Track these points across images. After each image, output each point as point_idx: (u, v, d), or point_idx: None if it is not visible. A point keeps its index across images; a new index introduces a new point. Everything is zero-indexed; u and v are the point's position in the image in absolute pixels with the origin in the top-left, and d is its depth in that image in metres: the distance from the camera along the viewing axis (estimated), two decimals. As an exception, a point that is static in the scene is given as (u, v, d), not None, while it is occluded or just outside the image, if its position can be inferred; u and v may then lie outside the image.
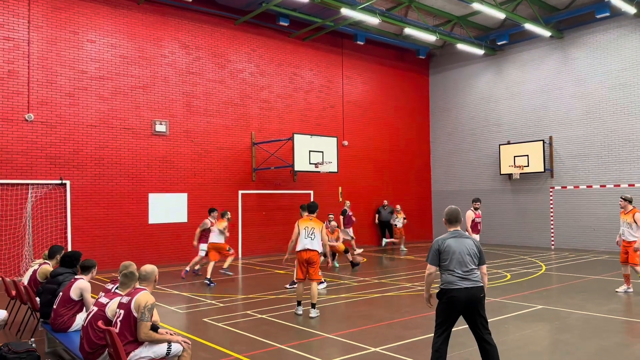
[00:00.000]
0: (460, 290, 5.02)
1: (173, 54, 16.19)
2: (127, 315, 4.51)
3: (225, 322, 8.23)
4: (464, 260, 5.06)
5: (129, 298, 4.59)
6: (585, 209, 18.46)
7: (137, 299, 4.53)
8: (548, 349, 6.72)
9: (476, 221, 12.35)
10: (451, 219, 5.37)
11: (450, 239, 5.17)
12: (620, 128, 17.65)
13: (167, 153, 15.93)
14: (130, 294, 4.65)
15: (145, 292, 4.63)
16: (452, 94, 23.10)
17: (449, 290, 5.07)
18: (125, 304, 4.58)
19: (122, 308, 4.59)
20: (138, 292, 4.60)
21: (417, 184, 23.18)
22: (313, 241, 8.66)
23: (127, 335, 4.47)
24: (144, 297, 4.54)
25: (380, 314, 8.70)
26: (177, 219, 16.09)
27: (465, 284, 5.03)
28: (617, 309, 8.71)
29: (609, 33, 18.05)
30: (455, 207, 5.44)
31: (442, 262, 5.12)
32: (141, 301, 4.51)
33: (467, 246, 5.14)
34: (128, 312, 4.51)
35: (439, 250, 5.13)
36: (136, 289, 4.69)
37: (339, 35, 20.31)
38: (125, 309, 4.55)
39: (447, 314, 5.15)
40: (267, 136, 18.10)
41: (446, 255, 5.10)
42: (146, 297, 4.55)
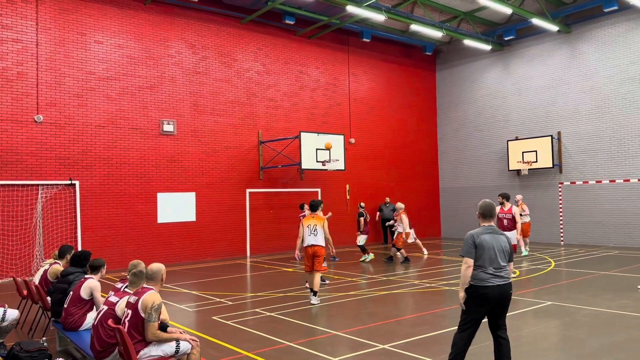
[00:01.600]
0: (493, 287, 4.93)
1: (180, 54, 16.25)
2: (134, 315, 4.55)
3: (234, 320, 8.27)
4: (496, 257, 4.96)
5: (136, 298, 4.62)
6: (595, 204, 18.34)
7: (144, 299, 4.57)
8: (558, 345, 6.70)
9: (500, 217, 12.08)
10: (485, 213, 5.22)
11: (486, 234, 5.03)
12: (629, 122, 17.49)
13: (175, 152, 16.01)
14: (137, 294, 4.68)
15: (152, 292, 4.65)
16: (459, 90, 23.01)
17: (481, 287, 4.95)
18: (132, 303, 4.62)
19: (130, 308, 4.63)
20: (145, 292, 4.63)
21: (424, 181, 23.13)
22: (317, 237, 9.32)
23: (135, 334, 4.50)
24: (150, 298, 4.56)
25: (388, 311, 8.71)
26: (186, 218, 16.18)
27: (497, 281, 4.95)
28: (627, 305, 8.65)
29: (617, 27, 17.89)
30: (490, 201, 5.28)
31: (476, 259, 4.98)
32: (148, 302, 4.53)
33: (500, 242, 5.04)
34: (135, 312, 4.54)
35: (475, 244, 4.96)
36: (143, 288, 4.72)
37: (345, 33, 20.29)
38: (132, 309, 4.58)
39: (477, 311, 5.04)
40: (274, 135, 18.13)
41: (480, 251, 4.95)
42: (153, 298, 4.57)
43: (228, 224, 17.09)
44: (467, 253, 4.99)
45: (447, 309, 8.82)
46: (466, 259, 5.00)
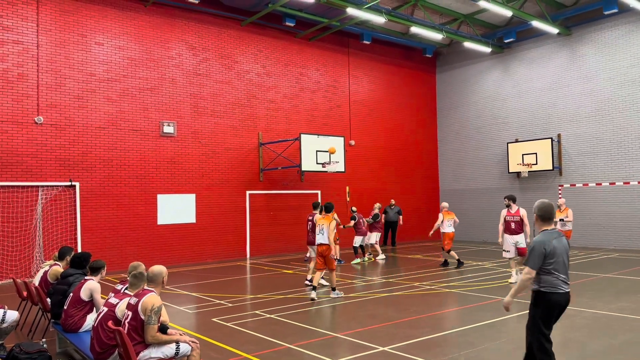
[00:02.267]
0: (564, 294, 4.75)
1: (180, 56, 16.28)
2: (134, 317, 4.55)
3: (234, 322, 8.27)
4: (565, 262, 4.78)
5: (137, 300, 4.62)
6: (595, 206, 18.34)
7: (144, 301, 4.57)
8: (557, 348, 6.66)
9: (507, 219, 11.39)
10: (545, 215, 4.90)
11: (554, 240, 4.75)
12: (629, 125, 17.51)
13: (175, 154, 16.02)
14: (138, 296, 4.68)
15: (153, 294, 4.66)
16: (459, 92, 23.03)
17: (552, 293, 4.71)
18: (133, 305, 4.63)
19: (130, 309, 4.63)
20: (145, 294, 4.63)
21: (424, 183, 23.14)
22: (323, 236, 9.94)
23: (135, 336, 4.51)
24: (150, 300, 4.57)
25: (388, 314, 8.71)
26: (186, 220, 16.18)
27: (566, 287, 4.77)
28: (626, 307, 8.66)
29: (617, 29, 17.92)
30: (549, 202, 4.95)
31: (546, 265, 4.69)
32: (147, 304, 4.53)
33: (565, 247, 4.81)
34: (135, 313, 4.55)
35: (545, 254, 4.67)
36: (144, 290, 4.72)
37: (345, 35, 20.32)
38: (132, 311, 4.59)
39: (550, 317, 4.81)
40: (274, 136, 18.15)
41: (552, 258, 4.69)
42: (153, 300, 4.58)
43: (228, 225, 17.09)
44: (534, 265, 4.69)
45: (447, 311, 8.82)
46: (529, 269, 4.71)
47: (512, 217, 11.38)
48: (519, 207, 11.42)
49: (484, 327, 7.61)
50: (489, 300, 9.47)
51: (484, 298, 9.68)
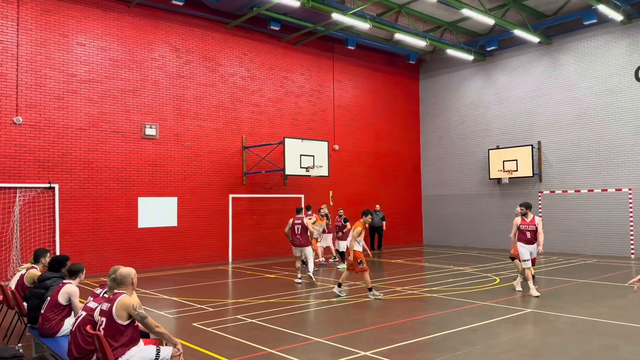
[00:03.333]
0: None
1: (163, 58, 16.15)
2: (109, 323, 4.45)
3: (214, 326, 8.20)
4: None
5: (109, 305, 4.52)
6: (574, 213, 18.65)
7: (122, 303, 4.48)
8: (536, 352, 6.77)
9: (522, 228, 10.72)
10: None
11: None
12: (608, 133, 17.87)
13: (157, 157, 15.87)
14: (109, 301, 4.59)
15: (125, 295, 4.56)
16: (442, 99, 23.26)
17: None
18: (106, 311, 4.52)
19: (104, 315, 4.53)
20: (117, 298, 4.54)
21: (407, 188, 23.28)
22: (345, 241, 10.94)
23: (111, 342, 4.41)
24: (128, 301, 4.48)
25: (370, 318, 8.72)
26: (167, 223, 16.02)
27: None
28: (604, 312, 8.80)
29: (596, 39, 18.30)
30: None
31: None
32: (128, 304, 4.46)
33: None
34: (110, 319, 4.45)
35: None
36: (115, 294, 4.63)
37: (330, 40, 20.39)
38: (107, 316, 4.49)
39: None
40: (258, 140, 18.10)
41: None
42: (130, 300, 4.50)
43: (210, 229, 16.97)
44: None
45: (429, 316, 8.86)
46: None
47: (527, 226, 10.69)
48: (534, 215, 10.89)
49: (465, 332, 7.67)
50: (470, 305, 9.55)
51: (466, 302, 9.76)
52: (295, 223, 12.77)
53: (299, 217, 12.82)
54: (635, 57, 17.30)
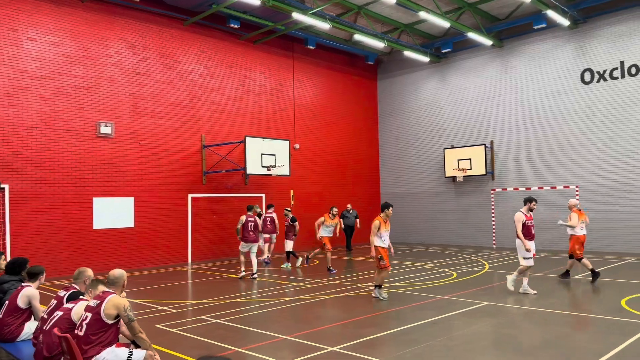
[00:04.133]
0: None
1: (119, 54, 15.74)
2: (95, 319, 4.44)
3: (179, 327, 8.11)
4: None
5: (98, 302, 4.51)
6: (524, 209, 19.41)
7: (113, 302, 4.49)
8: (494, 343, 7.07)
9: (528, 224, 10.47)
10: None
11: None
12: (556, 133, 18.73)
13: (113, 156, 15.45)
14: (99, 298, 4.56)
15: (116, 296, 4.60)
16: (399, 99, 23.72)
17: None
18: (93, 307, 4.51)
19: (90, 311, 4.51)
20: (107, 296, 4.54)
21: (366, 187, 23.61)
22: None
23: (92, 337, 4.39)
24: (118, 301, 4.54)
25: (335, 315, 8.84)
26: (124, 224, 15.62)
27: None
28: (556, 303, 9.26)
29: (545, 43, 19.14)
30: None
31: None
32: (119, 304, 4.50)
33: None
34: (96, 315, 4.44)
35: None
36: (105, 292, 4.60)
37: (290, 39, 20.42)
38: (93, 312, 4.48)
39: None
40: (218, 139, 17.91)
41: None
42: (121, 301, 4.57)
43: (168, 230, 16.66)
44: None
45: (391, 311, 9.07)
46: None
47: (531, 221, 10.53)
48: None
49: (426, 325, 7.90)
50: (430, 299, 9.83)
51: (426, 297, 10.04)
52: (249, 220, 13.32)
53: (251, 215, 13.48)
54: (581, 61, 18.21)
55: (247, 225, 13.23)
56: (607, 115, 17.56)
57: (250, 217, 13.40)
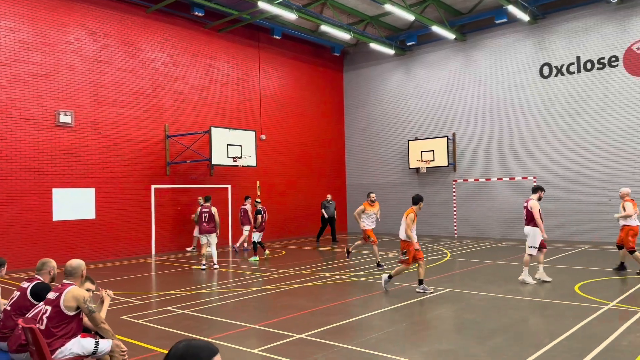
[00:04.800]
0: None
1: (79, 41, 15.28)
2: (55, 312, 4.34)
3: (144, 318, 8.04)
4: None
5: (57, 294, 4.41)
6: (484, 200, 20.03)
7: (72, 294, 4.39)
8: (455, 328, 7.33)
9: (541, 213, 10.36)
10: None
11: None
12: (515, 126, 19.31)
13: (73, 145, 15.04)
14: (57, 290, 4.47)
15: (75, 287, 4.50)
16: (364, 91, 23.92)
17: None
18: (52, 299, 4.40)
19: (50, 304, 4.41)
20: (66, 288, 4.44)
21: (332, 178, 23.77)
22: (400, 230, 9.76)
23: (53, 331, 4.30)
24: (79, 292, 4.43)
25: (302, 303, 8.94)
26: (85, 216, 15.26)
27: None
28: (514, 290, 9.64)
29: (506, 37, 19.65)
30: None
31: None
32: (79, 295, 4.39)
33: None
34: (56, 308, 4.34)
35: None
36: (63, 284, 4.51)
37: (256, 29, 20.26)
38: (52, 305, 4.37)
39: None
40: (182, 129, 17.66)
41: None
42: (80, 292, 4.44)
43: (131, 221, 16.38)
44: None
45: (357, 299, 9.24)
46: None
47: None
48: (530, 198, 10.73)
49: (390, 312, 8.11)
50: (392, 287, 10.06)
51: (390, 285, 10.25)
52: (203, 211, 13.40)
53: (207, 206, 13.48)
54: (540, 55, 18.79)
55: (201, 216, 13.33)
56: (563, 109, 18.23)
57: (205, 208, 13.41)
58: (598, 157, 17.44)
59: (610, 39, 17.32)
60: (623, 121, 17.00)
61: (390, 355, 5.91)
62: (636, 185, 16.61)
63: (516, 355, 5.83)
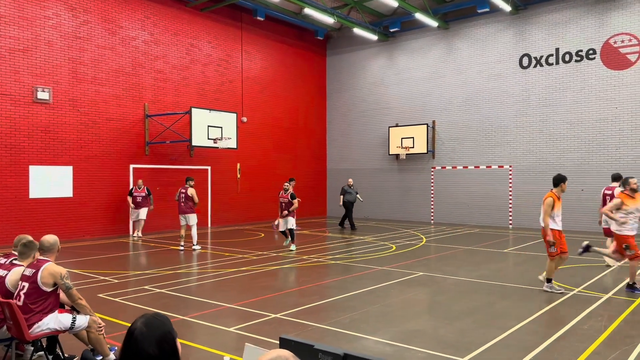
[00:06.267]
0: None
1: (58, 16, 14.97)
2: (33, 288, 4.39)
3: (122, 297, 8.12)
4: None
5: (33, 270, 4.46)
6: (461, 187, 20.40)
7: (48, 271, 4.43)
8: (427, 309, 7.58)
9: None
10: None
11: None
12: (493, 115, 19.62)
13: (50, 123, 14.84)
14: (33, 266, 4.51)
15: (52, 263, 4.54)
16: (347, 76, 23.95)
17: None
18: (29, 276, 4.45)
19: (27, 281, 4.45)
20: (43, 264, 4.49)
21: (313, 162, 23.89)
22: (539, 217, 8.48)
23: (31, 307, 4.36)
24: (56, 268, 4.47)
25: (278, 284, 9.11)
26: (62, 194, 15.13)
27: None
28: (485, 275, 9.95)
29: (487, 27, 19.84)
30: None
31: None
32: (56, 272, 4.45)
33: None
34: (34, 284, 4.39)
35: None
36: (39, 260, 4.56)
37: (239, 9, 20.07)
38: (30, 282, 4.42)
39: None
40: (162, 109, 17.53)
41: None
42: (56, 269, 4.48)
43: (109, 200, 16.29)
44: None
45: (333, 281, 9.44)
46: None
47: None
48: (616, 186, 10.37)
49: (364, 294, 8.32)
50: (368, 270, 10.29)
51: (365, 268, 10.49)
52: (180, 192, 13.57)
53: (186, 187, 13.54)
54: (520, 46, 19.04)
55: (180, 197, 13.53)
56: (541, 99, 18.57)
57: (183, 189, 13.56)
58: (572, 148, 17.88)
59: (588, 32, 17.64)
60: (597, 113, 17.42)
61: (362, 335, 6.11)
62: (607, 176, 17.12)
63: (483, 336, 6.09)
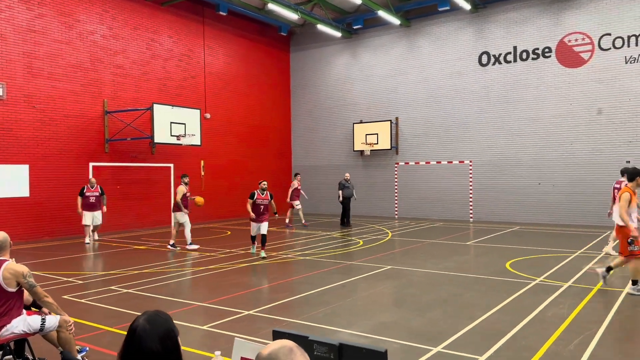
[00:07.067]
0: None
1: (10, 9, 14.34)
2: None
3: (88, 298, 7.89)
4: None
5: None
6: (424, 182, 20.78)
7: (9, 270, 4.26)
8: (396, 302, 7.71)
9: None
10: None
11: None
12: (455, 111, 20.06)
13: (4, 120, 14.21)
14: None
15: (10, 262, 4.38)
16: (311, 73, 23.97)
17: None
18: None
19: None
20: (3, 263, 4.32)
21: (278, 159, 23.80)
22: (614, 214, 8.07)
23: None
24: (18, 268, 4.30)
25: (249, 281, 9.06)
26: (18, 194, 14.53)
27: None
28: (450, 267, 10.19)
29: (448, 25, 20.25)
30: None
31: None
32: (17, 270, 4.28)
33: None
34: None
35: None
36: None
37: (201, 3, 19.75)
38: None
39: None
40: (122, 105, 17.07)
41: None
42: (17, 267, 4.33)
43: (68, 200, 15.72)
44: None
45: (303, 276, 9.47)
46: None
47: None
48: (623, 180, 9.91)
49: (335, 288, 8.38)
50: (338, 265, 10.37)
51: (335, 263, 10.56)
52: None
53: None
54: (479, 44, 19.53)
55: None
56: (500, 96, 19.11)
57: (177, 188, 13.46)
58: (530, 143, 18.49)
59: (544, 30, 18.26)
60: (553, 109, 18.07)
61: (337, 328, 6.16)
62: (563, 170, 17.82)
63: (452, 325, 6.24)
